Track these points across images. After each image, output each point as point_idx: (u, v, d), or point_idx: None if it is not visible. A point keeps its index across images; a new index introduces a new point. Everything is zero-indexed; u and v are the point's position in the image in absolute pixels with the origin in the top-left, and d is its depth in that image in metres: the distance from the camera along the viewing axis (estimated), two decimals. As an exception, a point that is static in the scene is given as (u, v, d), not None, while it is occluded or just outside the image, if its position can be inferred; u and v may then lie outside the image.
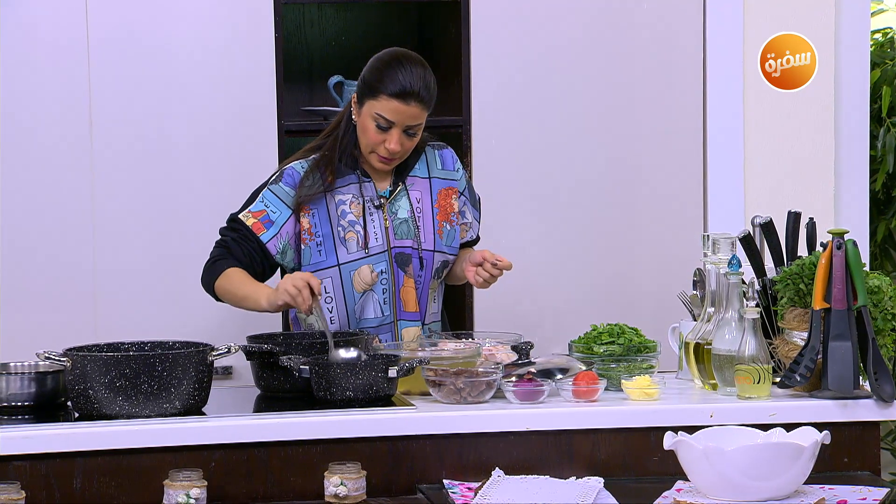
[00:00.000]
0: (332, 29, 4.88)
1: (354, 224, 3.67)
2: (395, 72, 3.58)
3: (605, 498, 3.02)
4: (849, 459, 3.28)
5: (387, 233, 3.70)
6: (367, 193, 3.69)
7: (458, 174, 3.82)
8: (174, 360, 3.13)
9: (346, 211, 3.68)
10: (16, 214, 4.24)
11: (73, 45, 4.25)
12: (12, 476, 2.97)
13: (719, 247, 3.43)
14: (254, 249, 3.65)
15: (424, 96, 3.59)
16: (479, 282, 3.65)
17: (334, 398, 3.23)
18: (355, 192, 3.69)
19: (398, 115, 3.59)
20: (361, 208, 3.68)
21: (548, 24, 4.50)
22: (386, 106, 3.58)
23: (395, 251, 3.70)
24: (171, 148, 4.32)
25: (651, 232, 4.57)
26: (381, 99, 3.58)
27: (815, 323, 3.26)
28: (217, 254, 3.66)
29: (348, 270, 3.66)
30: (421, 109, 3.60)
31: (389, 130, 3.60)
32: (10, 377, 3.24)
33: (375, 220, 3.69)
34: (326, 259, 3.66)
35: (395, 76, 3.57)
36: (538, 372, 3.35)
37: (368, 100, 3.61)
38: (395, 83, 3.57)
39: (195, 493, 2.96)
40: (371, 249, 3.68)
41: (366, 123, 3.62)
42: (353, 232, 3.67)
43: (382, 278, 3.68)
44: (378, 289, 3.68)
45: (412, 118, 3.60)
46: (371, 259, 3.68)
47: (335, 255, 3.66)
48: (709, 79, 4.58)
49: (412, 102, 3.58)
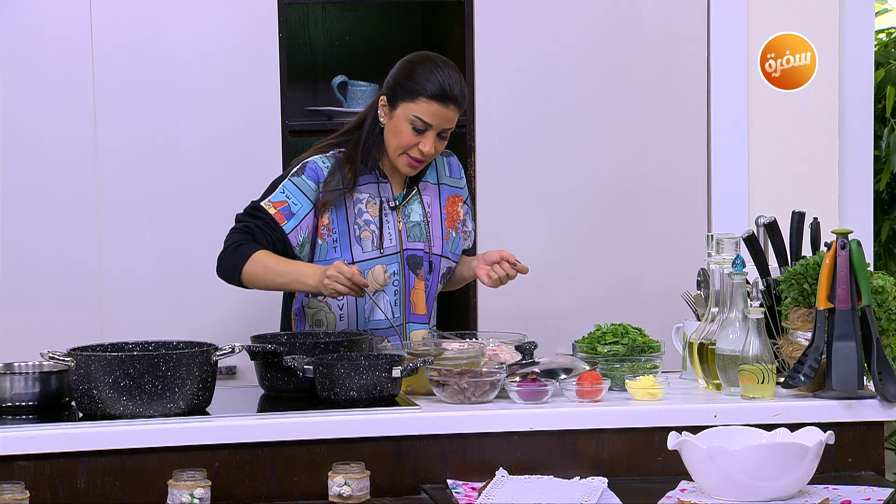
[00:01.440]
0: (336, 29, 4.89)
1: (370, 224, 3.69)
2: (434, 74, 3.60)
3: (608, 498, 3.02)
4: (853, 459, 3.28)
5: (400, 235, 3.71)
6: (384, 194, 3.71)
7: (463, 182, 3.85)
8: (178, 360, 3.13)
9: (363, 210, 3.69)
10: (21, 214, 4.25)
11: (77, 46, 4.25)
12: (17, 476, 2.98)
13: (723, 247, 3.43)
14: (277, 239, 3.62)
15: (461, 99, 3.62)
16: (492, 279, 3.66)
17: (338, 398, 3.23)
18: (373, 193, 3.70)
19: (436, 118, 3.60)
20: (378, 209, 3.70)
21: (551, 25, 4.50)
22: (425, 109, 3.59)
23: (408, 253, 3.72)
24: (175, 147, 4.32)
25: (655, 232, 4.57)
26: (420, 102, 3.59)
27: (819, 323, 3.26)
28: (238, 239, 3.61)
29: (363, 269, 3.66)
30: (457, 112, 3.63)
31: (425, 133, 3.61)
32: (15, 377, 3.24)
33: (390, 222, 3.71)
34: (341, 256, 3.66)
35: (435, 78, 3.59)
36: (542, 372, 3.35)
37: (404, 102, 3.61)
38: (434, 86, 3.59)
39: (199, 493, 2.97)
40: (385, 250, 3.69)
41: (399, 126, 3.62)
42: (368, 231, 3.68)
43: (394, 280, 3.69)
44: (389, 290, 3.69)
45: (448, 121, 3.63)
46: (385, 259, 3.69)
47: (350, 252, 3.67)
48: (713, 79, 4.57)
49: (451, 105, 3.60)
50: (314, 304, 3.73)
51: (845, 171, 4.67)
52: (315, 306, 3.73)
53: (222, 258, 3.61)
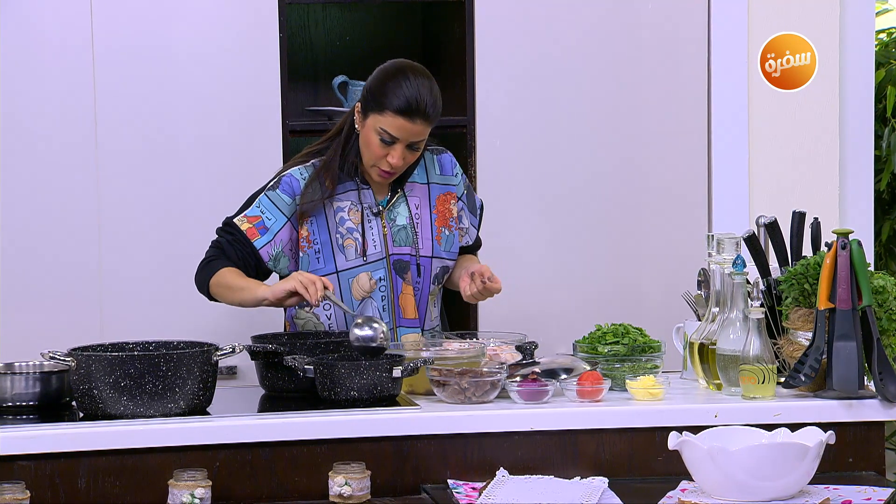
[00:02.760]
0: (337, 29, 4.89)
1: (353, 231, 3.66)
2: (401, 88, 3.55)
3: (609, 498, 3.02)
4: (854, 459, 3.28)
5: (385, 240, 3.69)
6: (365, 201, 3.68)
7: (457, 179, 3.81)
8: (179, 360, 3.13)
9: (345, 218, 3.67)
10: (21, 214, 4.25)
11: (77, 46, 4.25)
12: (17, 476, 2.98)
13: (724, 247, 3.43)
14: (248, 254, 3.64)
15: (430, 113, 3.57)
16: (469, 294, 3.64)
17: (339, 398, 3.23)
18: (354, 200, 3.68)
19: (402, 132, 3.57)
20: (360, 215, 3.67)
21: (552, 25, 4.50)
22: (391, 122, 3.56)
23: (394, 258, 3.70)
24: (175, 148, 4.32)
25: (655, 232, 4.57)
26: (387, 115, 3.56)
27: (819, 323, 3.26)
28: (211, 254, 3.66)
29: (347, 278, 3.66)
30: (425, 126, 3.58)
31: (393, 145, 3.58)
32: (15, 377, 3.24)
33: (374, 228, 3.69)
34: (325, 266, 3.65)
35: (402, 93, 3.54)
36: (542, 372, 3.35)
37: (373, 113, 3.58)
38: (400, 100, 3.54)
39: (200, 492, 2.97)
40: (369, 257, 3.67)
41: (369, 137, 3.60)
42: (351, 239, 3.66)
43: (381, 285, 3.68)
44: (377, 296, 3.68)
45: (416, 135, 3.58)
46: (369, 266, 3.67)
47: (333, 262, 3.66)
48: (713, 79, 4.57)
49: (417, 120, 3.56)
50: (302, 314, 3.73)
51: (846, 171, 4.67)
52: (303, 317, 3.72)
53: (196, 272, 3.67)
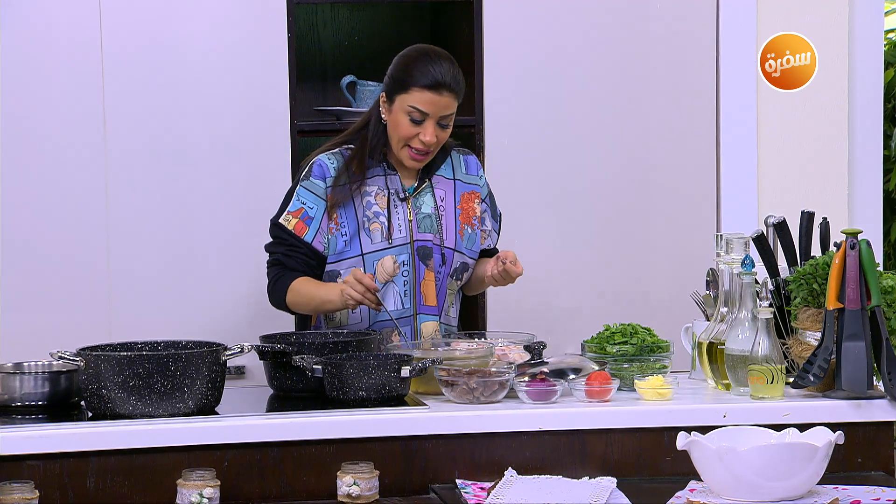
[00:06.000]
0: (345, 29, 4.89)
1: (379, 215, 3.72)
2: (425, 65, 3.65)
3: (617, 498, 3.02)
4: (862, 460, 3.27)
5: (410, 225, 3.73)
6: (392, 186, 3.74)
7: (482, 181, 3.88)
8: (187, 359, 3.13)
9: (372, 202, 3.72)
10: (30, 214, 4.25)
11: (86, 47, 4.25)
12: (26, 475, 2.98)
13: (732, 247, 3.43)
14: (305, 255, 3.70)
15: (455, 86, 3.67)
16: (490, 275, 3.68)
17: (347, 398, 3.23)
18: (381, 185, 3.74)
19: (432, 106, 3.65)
20: (387, 200, 3.73)
21: (560, 25, 4.50)
22: (419, 98, 3.64)
23: (418, 244, 3.74)
24: (184, 148, 4.32)
25: (664, 232, 4.57)
26: (414, 92, 3.64)
27: (828, 323, 3.26)
28: (274, 273, 3.73)
29: (371, 260, 3.70)
30: (452, 99, 3.67)
31: (423, 122, 3.66)
32: (24, 377, 3.25)
33: (400, 213, 3.73)
34: (351, 249, 3.70)
35: (426, 68, 3.65)
36: (551, 372, 3.35)
37: (400, 94, 3.67)
38: (426, 75, 3.64)
39: (208, 492, 2.97)
40: (394, 241, 3.71)
41: (398, 118, 3.67)
42: (377, 223, 3.71)
43: (404, 270, 3.71)
44: (399, 280, 3.71)
45: (445, 108, 3.66)
46: (394, 250, 3.71)
47: (359, 244, 3.70)
48: (722, 79, 4.57)
49: (444, 92, 3.65)
50: None
51: (855, 171, 4.66)
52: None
53: (269, 295, 3.75)
